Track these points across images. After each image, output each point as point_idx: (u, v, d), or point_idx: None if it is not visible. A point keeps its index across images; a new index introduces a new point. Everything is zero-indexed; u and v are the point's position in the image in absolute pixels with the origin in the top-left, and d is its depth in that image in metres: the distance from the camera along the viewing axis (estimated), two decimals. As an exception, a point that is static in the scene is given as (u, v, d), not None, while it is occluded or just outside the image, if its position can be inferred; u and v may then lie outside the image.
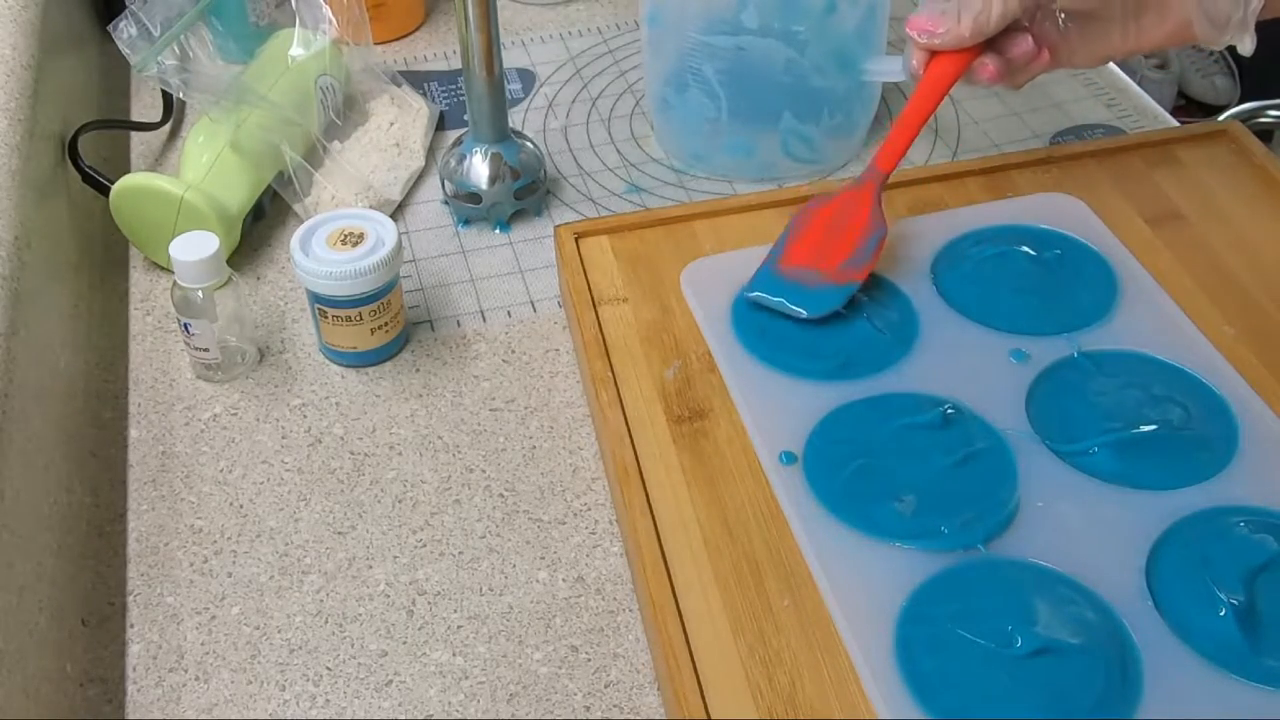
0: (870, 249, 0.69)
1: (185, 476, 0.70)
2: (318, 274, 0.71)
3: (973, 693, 0.53)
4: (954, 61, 0.68)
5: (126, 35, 0.79)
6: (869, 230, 0.70)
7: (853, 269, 0.69)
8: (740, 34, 0.81)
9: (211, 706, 0.59)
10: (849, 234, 0.70)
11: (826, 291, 0.69)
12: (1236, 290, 0.73)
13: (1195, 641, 0.54)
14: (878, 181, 0.71)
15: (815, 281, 0.69)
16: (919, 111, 0.70)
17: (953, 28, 0.67)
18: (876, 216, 0.70)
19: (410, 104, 0.92)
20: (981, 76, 0.69)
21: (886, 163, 0.71)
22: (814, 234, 0.71)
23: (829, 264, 0.70)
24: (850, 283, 0.69)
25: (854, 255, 0.70)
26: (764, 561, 0.60)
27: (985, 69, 0.69)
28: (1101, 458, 0.62)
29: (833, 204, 0.72)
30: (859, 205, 0.71)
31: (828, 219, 0.71)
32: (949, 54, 0.68)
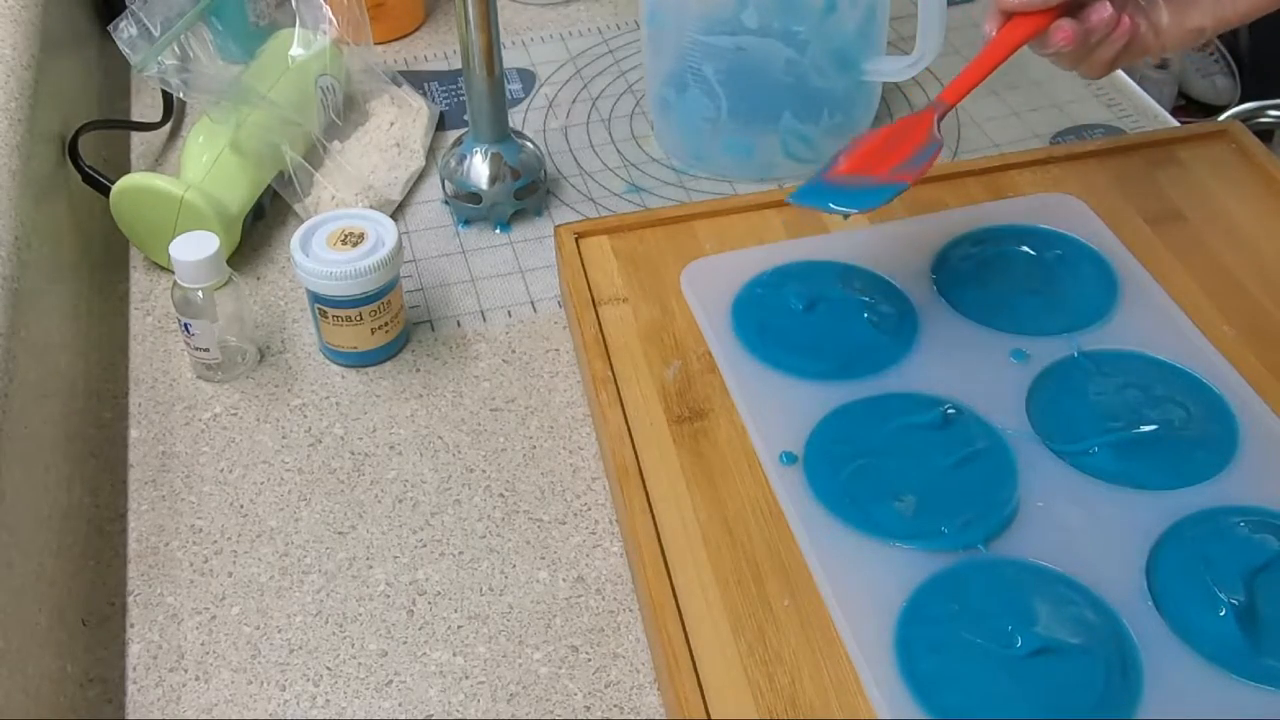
0: (925, 157, 0.67)
1: (185, 476, 0.70)
2: (318, 274, 0.71)
3: (973, 693, 0.53)
4: (1031, 23, 0.67)
5: (126, 35, 0.79)
6: (925, 144, 0.68)
7: (903, 172, 0.66)
8: (740, 34, 0.81)
9: (211, 706, 0.59)
10: (903, 147, 0.68)
11: (872, 190, 0.66)
12: (1236, 290, 0.73)
13: (1195, 641, 0.54)
14: (939, 110, 0.69)
15: (863, 185, 0.66)
16: (993, 57, 0.68)
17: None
18: (934, 135, 0.68)
19: (410, 104, 0.92)
20: (1057, 39, 0.67)
21: (952, 95, 0.69)
22: (868, 150, 0.69)
23: (879, 169, 0.67)
24: (898, 182, 0.66)
25: (906, 161, 0.67)
26: (764, 561, 0.60)
27: (1062, 31, 0.66)
28: (1101, 458, 0.62)
29: (891, 127, 0.70)
30: (918, 126, 0.69)
31: (884, 139, 0.69)
32: (1026, 17, 0.67)
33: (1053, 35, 0.66)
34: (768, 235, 0.77)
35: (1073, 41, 0.66)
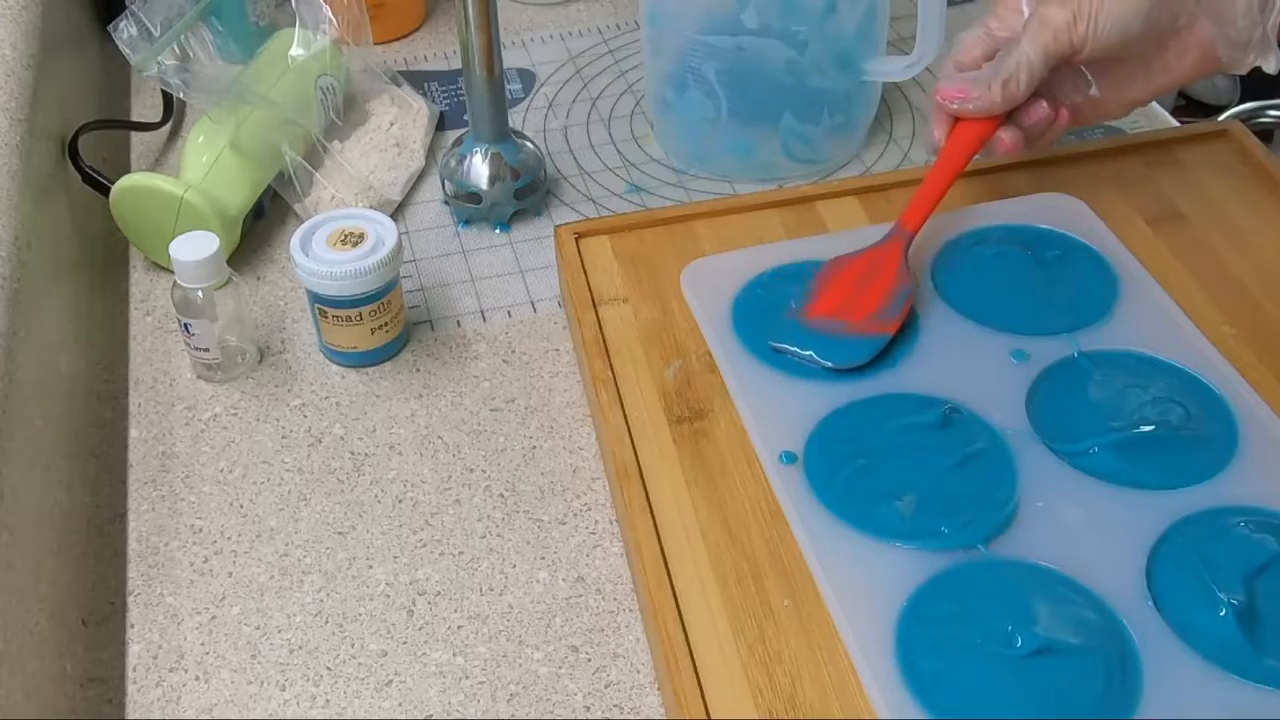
0: (899, 303, 0.68)
1: (185, 476, 0.70)
2: (318, 274, 0.71)
3: (973, 693, 0.53)
4: (979, 128, 0.70)
5: (126, 35, 0.79)
6: (897, 285, 0.69)
7: (881, 321, 0.68)
8: (740, 34, 0.81)
9: (211, 706, 0.59)
10: (876, 288, 0.69)
11: (854, 342, 0.67)
12: (1236, 290, 0.73)
13: (1195, 641, 0.54)
14: (904, 240, 0.71)
15: (842, 332, 0.68)
16: (944, 173, 0.70)
17: (984, 94, 0.68)
18: (904, 272, 0.70)
19: (410, 104, 0.92)
20: (999, 151, 0.70)
21: (912, 222, 0.71)
22: (839, 288, 0.70)
23: (856, 316, 0.68)
24: (880, 334, 0.67)
25: (882, 308, 0.68)
26: (764, 561, 0.60)
27: (1002, 144, 0.70)
28: (1101, 458, 0.62)
29: (859, 261, 0.71)
30: (886, 262, 0.70)
31: (854, 275, 0.70)
32: (974, 122, 0.70)
33: (995, 147, 0.70)
34: (768, 235, 0.77)
35: (1015, 150, 0.70)
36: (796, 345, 0.68)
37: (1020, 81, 0.68)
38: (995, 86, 0.68)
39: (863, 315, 0.68)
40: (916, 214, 0.71)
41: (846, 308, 0.69)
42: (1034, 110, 0.70)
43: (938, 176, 0.71)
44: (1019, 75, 0.67)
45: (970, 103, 0.69)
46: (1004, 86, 0.68)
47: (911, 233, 0.71)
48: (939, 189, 0.71)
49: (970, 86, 0.69)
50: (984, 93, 0.68)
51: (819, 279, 0.71)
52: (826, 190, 0.80)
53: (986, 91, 0.68)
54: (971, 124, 0.70)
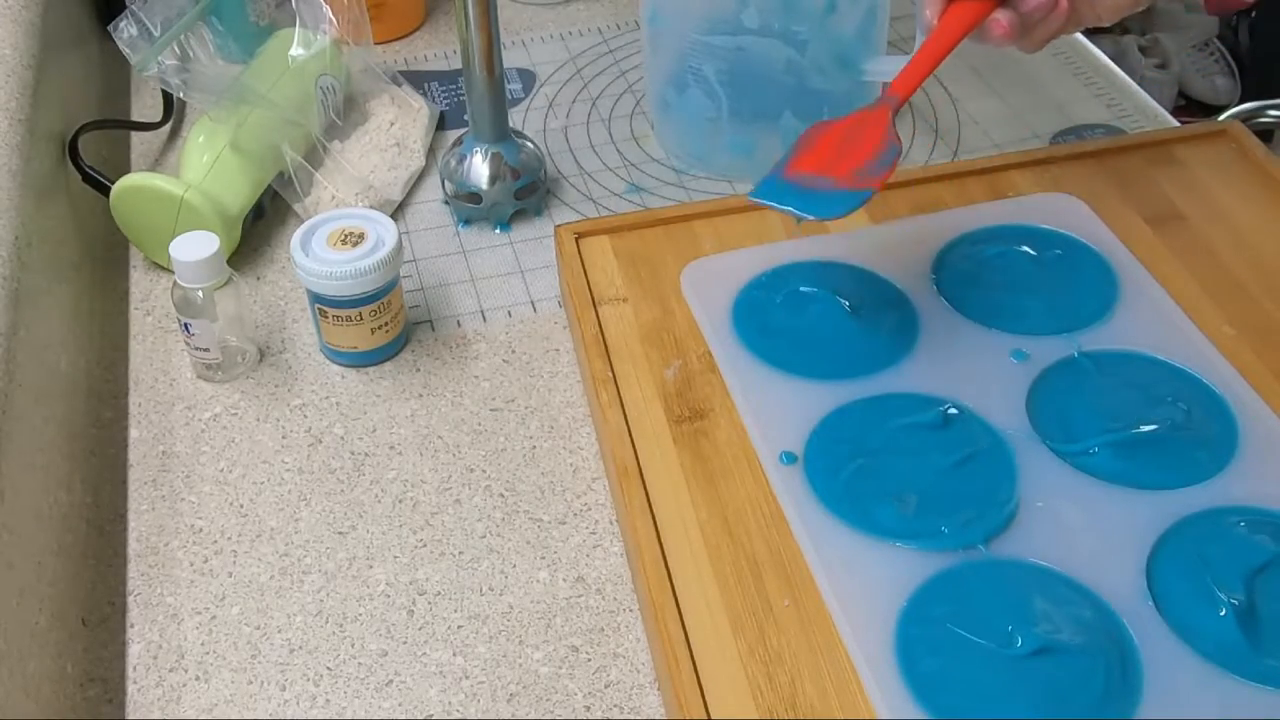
0: (886, 161, 0.65)
1: (185, 476, 0.70)
2: (318, 274, 0.71)
3: (973, 693, 0.53)
4: (970, 10, 0.66)
5: (126, 35, 0.79)
6: (884, 145, 0.66)
7: (868, 178, 0.64)
8: (740, 34, 0.81)
9: (211, 706, 0.59)
10: (863, 147, 0.66)
11: (838, 196, 0.64)
12: (1236, 290, 0.73)
13: (1195, 641, 0.54)
14: (893, 104, 0.67)
15: (825, 187, 0.64)
16: (938, 45, 0.67)
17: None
18: (891, 134, 0.66)
19: (410, 104, 0.92)
20: (995, 33, 0.66)
21: (902, 89, 0.68)
22: (824, 147, 0.67)
23: (840, 171, 0.65)
24: (865, 188, 0.63)
25: (868, 165, 0.65)
26: (764, 561, 0.60)
27: (998, 25, 0.66)
28: (1101, 458, 0.62)
29: (844, 122, 0.68)
30: (874, 124, 0.67)
31: (839, 135, 0.67)
32: (966, 3, 0.66)
33: (990, 28, 0.66)
34: (768, 235, 0.77)
35: (1011, 35, 0.66)
36: (775, 200, 0.64)
37: None
38: None
39: (847, 170, 0.65)
40: (908, 83, 0.68)
41: (830, 164, 0.65)
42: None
43: (931, 48, 0.67)
44: None
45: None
46: None
47: (900, 98, 0.67)
48: (931, 59, 0.67)
49: None
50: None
51: (801, 140, 0.68)
52: (826, 190, 0.80)
53: None
54: (964, 6, 0.66)
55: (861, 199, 0.63)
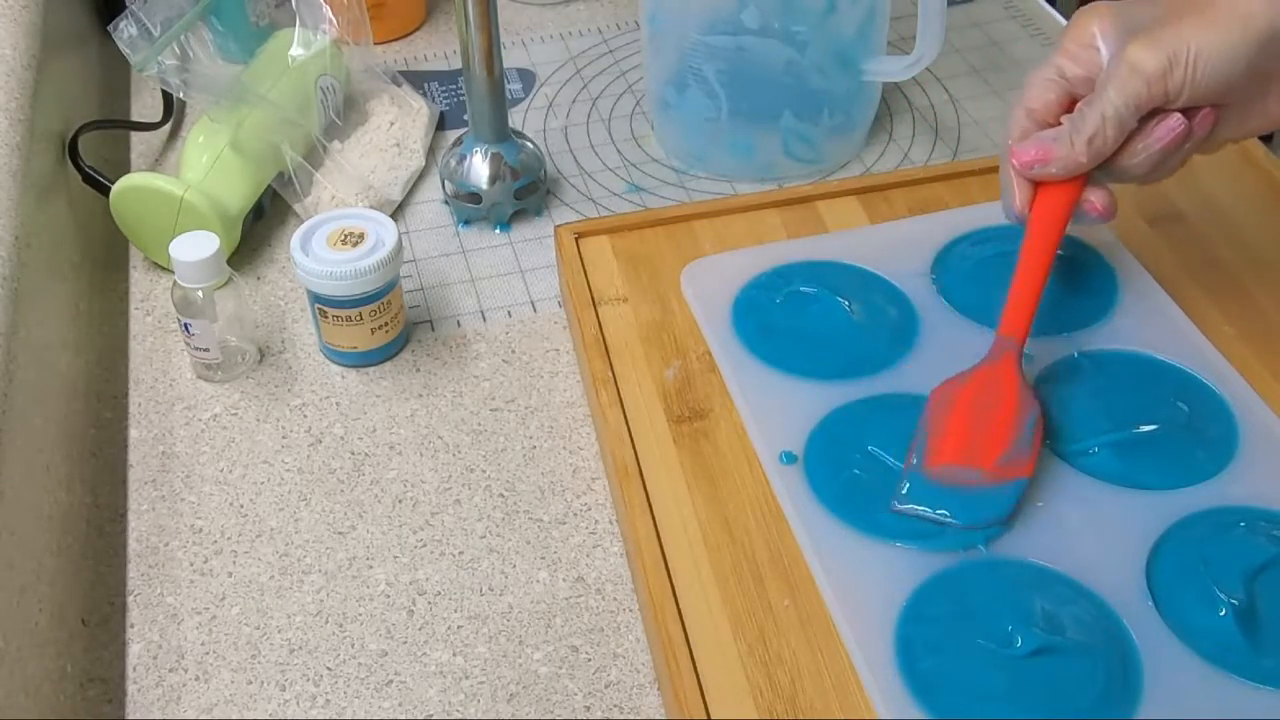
0: (1029, 434, 0.61)
1: (185, 476, 0.70)
2: (318, 274, 0.71)
3: (973, 693, 0.53)
4: (1066, 192, 0.62)
5: (126, 35, 0.79)
6: (1022, 412, 0.61)
7: (1015, 462, 0.60)
8: (740, 34, 0.81)
9: (211, 706, 0.59)
10: (999, 420, 0.61)
11: (990, 493, 0.59)
12: (1236, 290, 0.73)
13: (1195, 641, 0.54)
14: (1016, 352, 0.63)
15: (974, 481, 0.59)
16: (1040, 257, 0.63)
17: (1067, 153, 0.60)
18: (1026, 395, 0.62)
19: (410, 104, 0.92)
20: (1091, 216, 0.62)
21: (1016, 329, 0.63)
22: (957, 425, 0.61)
23: (985, 460, 0.60)
24: (1017, 479, 0.59)
25: (1013, 446, 0.60)
26: (764, 561, 0.60)
27: (1094, 207, 0.62)
28: (1101, 458, 0.62)
29: (969, 385, 0.63)
30: (1002, 384, 0.62)
31: (968, 405, 0.62)
32: (1059, 185, 0.62)
33: (1085, 212, 0.63)
34: (768, 235, 0.77)
35: (1108, 214, 0.62)
36: (927, 505, 0.59)
37: (1108, 137, 0.59)
38: (1079, 144, 0.60)
39: (993, 459, 0.60)
40: (1020, 318, 0.63)
41: (973, 451, 0.60)
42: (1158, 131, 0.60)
43: (1032, 264, 0.63)
44: (1105, 130, 0.59)
45: (1053, 164, 0.61)
46: (1089, 144, 0.60)
47: (1020, 342, 0.63)
48: (1038, 280, 0.63)
49: (1051, 146, 0.61)
50: (1068, 152, 0.60)
51: (931, 417, 0.62)
52: (826, 190, 0.80)
53: (1070, 150, 0.60)
54: (1055, 188, 0.62)
55: (1016, 494, 0.59)
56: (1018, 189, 0.63)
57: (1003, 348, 0.63)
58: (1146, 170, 0.62)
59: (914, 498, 0.60)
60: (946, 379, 0.64)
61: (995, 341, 0.63)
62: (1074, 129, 0.60)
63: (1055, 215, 0.62)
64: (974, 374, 0.63)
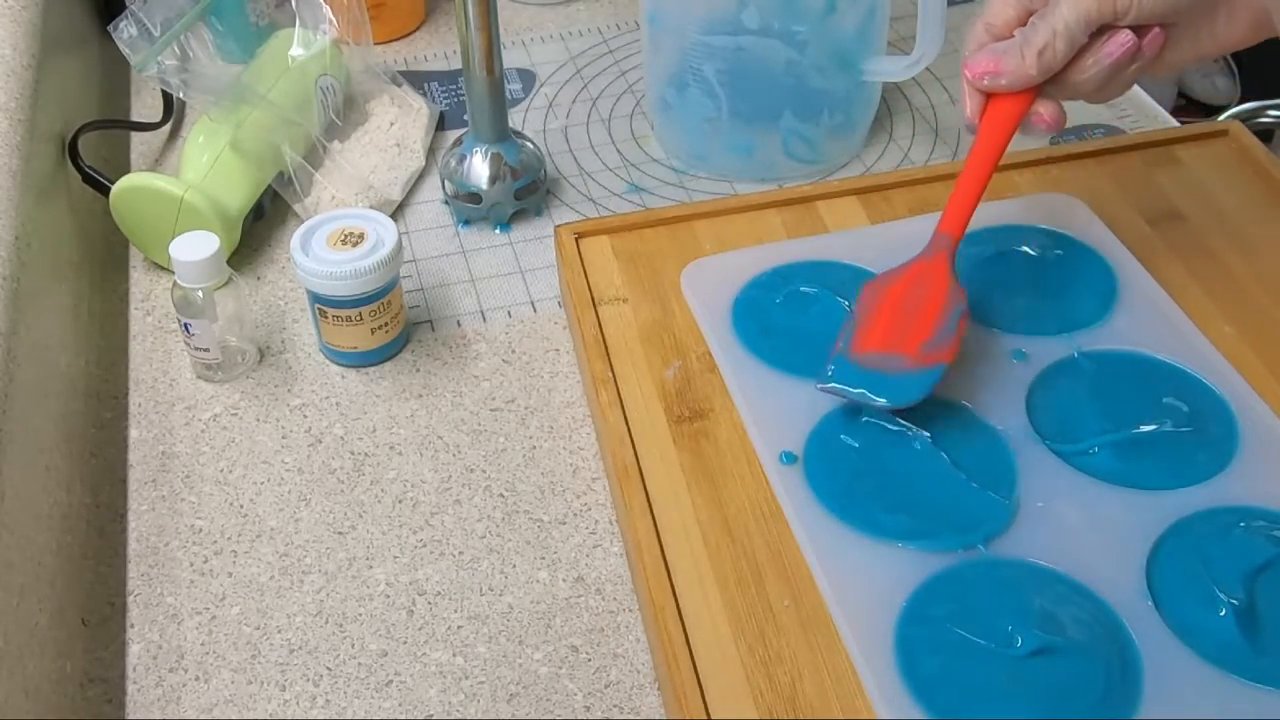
0: (953, 325, 0.63)
1: (185, 476, 0.70)
2: (318, 274, 0.71)
3: (973, 693, 0.53)
4: (1015, 103, 0.63)
5: (126, 35, 0.79)
6: (948, 304, 0.64)
7: (937, 349, 0.62)
8: (740, 34, 0.81)
9: (211, 706, 0.59)
10: (926, 311, 0.64)
11: (910, 377, 0.62)
12: (1236, 290, 0.73)
13: (1195, 641, 0.54)
14: (949, 249, 0.65)
15: (897, 368, 0.62)
16: (983, 164, 0.64)
17: (1017, 65, 0.62)
18: (954, 289, 0.64)
19: (410, 104, 0.92)
20: (1039, 128, 0.64)
21: (954, 226, 0.65)
22: (886, 315, 0.64)
23: (908, 347, 0.63)
24: (936, 364, 0.62)
25: (936, 334, 0.63)
26: (764, 561, 0.60)
27: (1040, 119, 0.63)
28: (1101, 458, 0.62)
29: (901, 280, 0.65)
30: (933, 278, 0.65)
31: (899, 297, 0.65)
32: (1009, 97, 0.63)
33: (1033, 123, 0.64)
34: (768, 235, 0.77)
35: (1055, 126, 0.64)
36: (847, 384, 0.62)
37: (1057, 50, 0.61)
38: (1029, 56, 0.61)
39: (916, 345, 0.62)
40: (958, 215, 0.65)
41: (898, 338, 0.63)
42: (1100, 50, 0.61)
43: (975, 168, 0.64)
44: (1055, 44, 0.61)
45: (1004, 76, 0.62)
46: (1039, 56, 0.61)
47: (955, 237, 0.65)
48: (979, 183, 0.65)
49: (1001, 58, 0.62)
50: (1018, 64, 0.62)
51: (860, 308, 0.65)
52: (826, 190, 0.80)
53: (1020, 63, 0.62)
54: (1005, 100, 0.63)
55: (934, 379, 0.62)
56: (969, 99, 0.64)
57: (939, 245, 0.65)
58: (1095, 86, 0.63)
59: (837, 378, 0.62)
60: (882, 272, 0.66)
61: (933, 238, 0.65)
62: (1025, 42, 0.62)
63: (1003, 124, 0.64)
64: (908, 268, 0.66)
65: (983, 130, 0.64)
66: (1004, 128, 0.64)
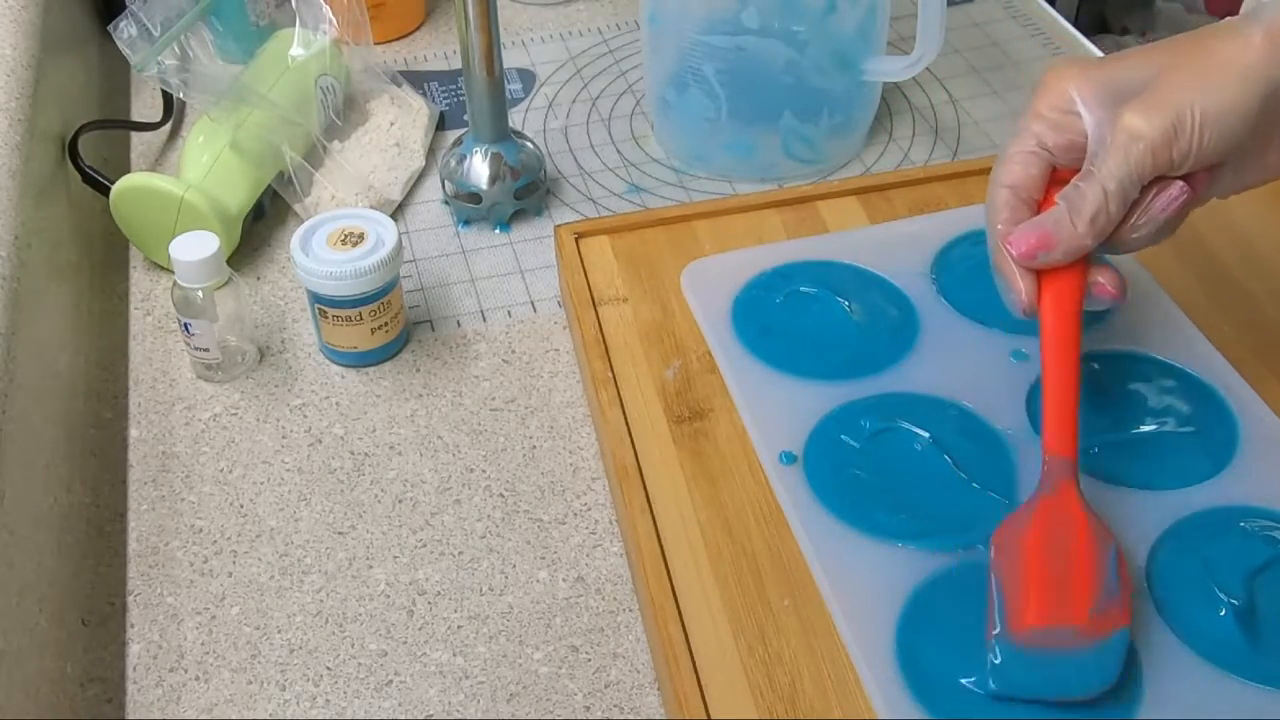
0: (1114, 573, 0.53)
1: (185, 476, 0.70)
2: (318, 274, 0.71)
3: (973, 693, 0.53)
4: (1073, 276, 0.57)
5: (126, 35, 0.79)
6: (1100, 548, 0.54)
7: (1109, 609, 0.52)
8: (740, 34, 0.81)
9: (211, 706, 0.59)
10: (1078, 562, 0.53)
11: (1093, 656, 0.52)
12: (1236, 290, 0.73)
13: (1195, 641, 0.54)
14: (1071, 476, 0.55)
15: (1071, 643, 0.51)
16: (1067, 356, 0.57)
17: (1070, 235, 0.55)
18: (1097, 525, 0.54)
19: (410, 104, 0.92)
20: (1103, 297, 0.58)
21: (1063, 446, 0.56)
22: (1035, 576, 0.53)
23: (1077, 615, 0.52)
24: (1116, 630, 0.52)
25: (1101, 590, 0.52)
26: (764, 561, 0.60)
27: (1103, 289, 0.57)
28: (1101, 458, 0.62)
29: (1033, 526, 0.55)
30: (1067, 517, 0.55)
31: (1037, 548, 0.54)
32: (1063, 271, 0.57)
33: (1095, 294, 0.58)
34: (768, 235, 0.77)
35: (1121, 293, 0.58)
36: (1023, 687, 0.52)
37: (1111, 214, 0.55)
38: (1081, 225, 0.55)
39: (1085, 610, 0.52)
40: (1064, 431, 0.56)
41: (1059, 605, 0.52)
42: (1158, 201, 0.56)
43: (1061, 362, 0.57)
44: (1107, 207, 0.55)
45: (1056, 250, 0.56)
46: (1091, 223, 0.55)
47: (1071, 460, 0.56)
48: (1072, 382, 0.57)
49: (1050, 231, 0.56)
50: (1070, 234, 0.55)
51: (1000, 565, 0.54)
52: (826, 190, 0.81)
53: (1073, 232, 0.55)
54: (1060, 275, 0.57)
55: (1120, 649, 0.52)
56: (1022, 281, 0.57)
57: (1057, 473, 0.56)
58: (1146, 243, 0.57)
59: (1007, 681, 0.52)
60: (1004, 520, 0.56)
61: (1045, 465, 0.56)
62: (1073, 209, 0.56)
63: (1069, 304, 0.57)
64: (1034, 510, 0.56)
65: (1048, 316, 0.57)
66: (1072, 308, 0.57)
